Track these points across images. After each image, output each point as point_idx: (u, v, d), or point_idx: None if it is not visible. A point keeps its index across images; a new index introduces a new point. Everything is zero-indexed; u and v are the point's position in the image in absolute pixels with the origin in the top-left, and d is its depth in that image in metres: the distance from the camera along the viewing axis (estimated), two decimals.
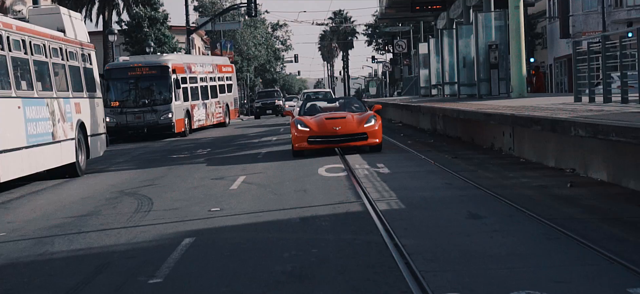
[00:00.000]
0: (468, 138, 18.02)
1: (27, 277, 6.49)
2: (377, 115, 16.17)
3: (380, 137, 15.86)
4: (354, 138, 15.57)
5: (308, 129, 15.65)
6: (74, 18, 17.17)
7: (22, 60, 13.23)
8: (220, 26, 51.04)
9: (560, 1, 58.65)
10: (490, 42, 21.65)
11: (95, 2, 44.64)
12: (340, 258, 6.20)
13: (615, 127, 7.47)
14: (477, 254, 6.01)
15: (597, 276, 5.21)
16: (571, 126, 8.86)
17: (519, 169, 11.80)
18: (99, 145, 17.13)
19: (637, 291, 4.73)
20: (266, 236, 7.51)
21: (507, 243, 6.46)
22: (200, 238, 7.53)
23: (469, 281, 5.14)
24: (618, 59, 11.81)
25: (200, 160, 17.23)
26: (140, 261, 6.64)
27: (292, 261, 6.17)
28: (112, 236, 8.08)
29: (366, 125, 15.66)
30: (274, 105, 46.10)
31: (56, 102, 14.49)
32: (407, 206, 8.68)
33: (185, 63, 30.25)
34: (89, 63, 17.28)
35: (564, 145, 11.17)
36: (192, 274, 6.02)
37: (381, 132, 15.97)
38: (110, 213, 9.74)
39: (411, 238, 6.74)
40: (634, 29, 11.56)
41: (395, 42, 51.20)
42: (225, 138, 25.37)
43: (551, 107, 12.94)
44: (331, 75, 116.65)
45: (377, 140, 15.70)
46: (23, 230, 8.89)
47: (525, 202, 8.45)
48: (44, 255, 7.33)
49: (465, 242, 6.53)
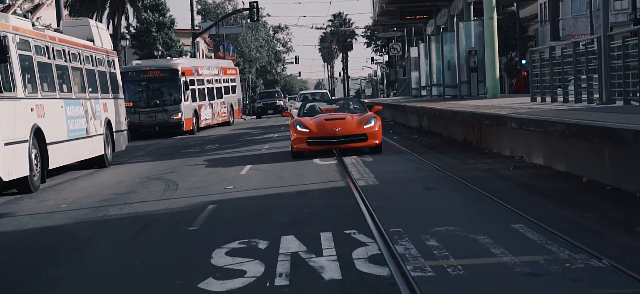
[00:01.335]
0: (447, 134, 20.43)
1: (97, 229, 8.92)
2: (377, 116, 16.12)
3: (380, 138, 15.75)
4: (353, 139, 15.49)
5: (307, 130, 15.59)
6: (100, 28, 19.62)
7: (62, 67, 15.65)
8: (224, 30, 53.45)
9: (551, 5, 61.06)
10: (470, 48, 24.10)
11: (105, 8, 47.13)
12: (324, 213, 8.63)
13: (532, 120, 9.91)
14: (421, 210, 8.44)
15: (496, 218, 7.64)
16: (507, 120, 11.30)
17: (479, 157, 14.22)
18: (122, 140, 19.58)
19: (515, 225, 7.15)
20: (271, 202, 9.94)
21: (445, 204, 8.89)
22: (220, 204, 9.96)
23: (409, 223, 7.56)
24: (572, 66, 14.21)
25: (211, 153, 19.65)
26: (178, 218, 9.07)
27: (290, 215, 8.60)
28: (152, 205, 10.51)
29: (366, 126, 15.58)
30: (275, 105, 48.45)
31: (89, 102, 16.92)
32: (380, 183, 11.11)
33: (193, 67, 32.68)
34: (113, 68, 19.74)
35: (516, 137, 13.58)
36: (219, 224, 8.45)
37: (381, 133, 15.91)
38: (145, 191, 12.17)
39: (377, 201, 9.16)
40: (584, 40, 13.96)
41: (391, 45, 53.76)
42: (230, 136, 27.80)
43: (510, 106, 15.37)
44: (331, 76, 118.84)
45: (377, 141, 15.59)
46: (79, 203, 11.32)
47: (472, 180, 10.85)
48: (103, 217, 9.75)
49: (416, 203, 8.96)
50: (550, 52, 14.41)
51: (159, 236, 8.13)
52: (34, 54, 13.86)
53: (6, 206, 11.51)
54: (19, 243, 8.42)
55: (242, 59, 65.46)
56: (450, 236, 6.84)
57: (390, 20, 36.38)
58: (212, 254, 6.68)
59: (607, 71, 11.77)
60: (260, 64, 72.98)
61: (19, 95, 12.73)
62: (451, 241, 6.60)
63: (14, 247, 8.20)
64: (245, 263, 6.29)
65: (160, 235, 8.20)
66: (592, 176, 9.94)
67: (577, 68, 13.39)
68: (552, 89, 14.63)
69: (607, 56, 11.71)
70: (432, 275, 5.53)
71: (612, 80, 11.76)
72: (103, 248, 7.72)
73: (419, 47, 33.56)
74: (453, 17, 27.66)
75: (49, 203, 11.57)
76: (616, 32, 12.74)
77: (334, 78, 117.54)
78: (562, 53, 13.93)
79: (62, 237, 8.56)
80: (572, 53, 13.42)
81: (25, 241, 8.49)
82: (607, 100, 11.91)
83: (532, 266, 5.64)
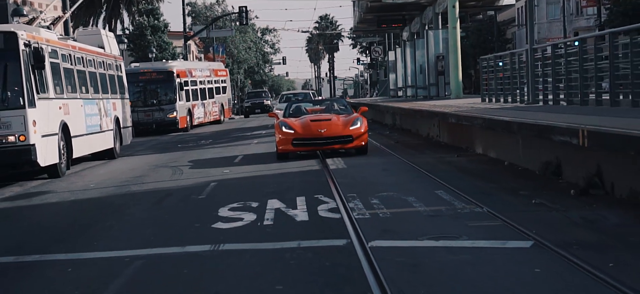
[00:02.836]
0: (415, 130, 23.23)
1: (127, 199, 11.61)
2: (363, 117, 16.14)
3: (366, 139, 15.79)
4: (339, 140, 15.49)
5: (293, 131, 15.54)
6: (109, 37, 22.27)
7: (81, 71, 18.29)
8: (214, 33, 56.05)
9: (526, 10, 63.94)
10: (438, 54, 26.91)
11: (102, 13, 49.68)
12: (300, 186, 11.36)
13: (464, 116, 12.70)
14: (374, 183, 11.19)
15: (426, 187, 10.39)
16: (449, 117, 14.09)
17: (434, 149, 17.00)
18: (127, 135, 22.25)
19: (437, 191, 9.92)
20: (259, 180, 12.66)
21: (394, 179, 11.65)
22: (220, 183, 12.67)
23: (361, 191, 10.29)
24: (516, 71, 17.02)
25: (206, 147, 22.34)
26: (189, 192, 11.78)
27: (274, 187, 11.32)
28: (165, 183, 13.21)
29: (352, 128, 15.57)
30: (263, 104, 51.10)
31: (101, 101, 19.56)
32: (347, 167, 13.86)
33: (187, 69, 35.32)
34: (120, 72, 22.39)
35: (464, 131, 16.36)
36: (221, 194, 11.16)
37: (367, 134, 16.01)
38: (156, 175, 14.85)
39: (343, 179, 11.89)
40: (516, 52, 16.75)
41: (373, 48, 56.67)
42: (222, 132, 30.49)
43: (459, 105, 18.16)
44: (318, 76, 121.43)
45: (363, 142, 15.59)
46: (104, 184, 13.99)
47: (421, 165, 13.60)
48: (128, 192, 12.43)
49: (371, 180, 11.72)
50: (495, 60, 17.21)
51: (176, 202, 10.85)
52: (61, 61, 16.51)
53: (44, 186, 14.16)
54: (70, 208, 11.11)
55: (231, 60, 68.07)
56: (388, 198, 9.60)
57: (369, 27, 39.25)
58: (219, 210, 9.39)
59: (531, 78, 14.58)
60: (249, 65, 75.63)
61: (50, 95, 15.38)
62: (388, 200, 9.35)
63: (68, 211, 10.90)
64: (242, 214, 9.02)
65: (177, 201, 10.91)
66: (511, 160, 12.74)
67: (512, 75, 16.22)
68: (496, 92, 17.45)
69: (532, 66, 14.53)
70: (368, 217, 8.28)
71: (536, 85, 14.57)
72: (135, 210, 10.43)
73: (396, 52, 36.41)
74: (424, 26, 30.49)
75: (78, 184, 14.23)
76: (538, 45, 15.46)
77: (321, 79, 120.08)
78: (502, 62, 16.75)
79: (101, 204, 11.25)
80: (509, 62, 16.24)
81: (74, 207, 11.19)
82: (532, 101, 14.72)
83: (435, 212, 8.41)
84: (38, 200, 12.35)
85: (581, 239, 6.66)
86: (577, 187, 9.34)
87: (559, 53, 13.42)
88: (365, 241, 6.89)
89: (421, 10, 30.08)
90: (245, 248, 7.12)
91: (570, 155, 9.98)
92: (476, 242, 6.74)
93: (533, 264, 5.85)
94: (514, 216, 7.75)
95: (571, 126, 8.33)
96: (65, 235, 8.71)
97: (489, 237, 6.92)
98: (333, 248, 6.84)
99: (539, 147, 11.08)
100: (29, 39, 14.55)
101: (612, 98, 10.92)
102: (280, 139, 15.72)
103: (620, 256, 5.96)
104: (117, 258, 7.10)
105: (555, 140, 8.96)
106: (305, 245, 7.05)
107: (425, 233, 7.29)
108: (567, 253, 6.03)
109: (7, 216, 10.85)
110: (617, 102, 10.92)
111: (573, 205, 8.46)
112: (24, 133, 14.09)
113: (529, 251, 6.30)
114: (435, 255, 6.42)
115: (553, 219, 7.70)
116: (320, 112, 17.19)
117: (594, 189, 9.10)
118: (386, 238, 7.11)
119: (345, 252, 6.63)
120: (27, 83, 14.20)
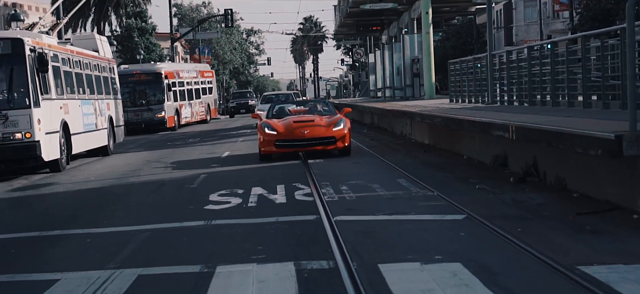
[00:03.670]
0: (390, 129, 24.80)
1: (126, 189, 13.05)
2: (346, 119, 16.26)
3: (349, 141, 15.87)
4: (322, 142, 15.56)
5: (275, 132, 15.59)
6: (103, 41, 23.66)
7: (79, 73, 19.68)
8: (201, 35, 57.41)
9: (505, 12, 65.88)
10: (414, 57, 28.51)
11: (90, 15, 50.91)
12: (281, 177, 12.86)
13: (426, 115, 14.27)
14: (345, 174, 12.70)
15: (390, 177, 11.92)
16: (415, 116, 15.66)
17: (404, 145, 18.56)
18: (120, 133, 23.65)
19: (399, 179, 11.46)
20: (244, 173, 14.15)
21: (364, 171, 13.18)
22: (210, 175, 14.14)
23: (333, 180, 11.81)
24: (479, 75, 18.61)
25: (194, 144, 23.78)
26: (182, 182, 13.24)
27: (257, 178, 12.81)
28: (159, 176, 14.66)
29: (335, 129, 15.66)
30: (247, 104, 52.53)
31: (97, 102, 20.96)
32: (324, 160, 15.36)
33: (175, 70, 36.72)
34: (113, 74, 23.78)
35: (431, 129, 17.92)
36: (211, 184, 12.63)
37: (350, 136, 16.08)
38: (151, 168, 16.28)
39: (319, 170, 13.41)
40: (478, 57, 18.35)
41: (354, 50, 58.31)
42: (209, 131, 31.91)
43: (426, 105, 19.74)
44: (302, 77, 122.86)
45: (346, 143, 15.69)
46: (103, 176, 15.41)
47: (390, 159, 15.13)
48: (126, 183, 13.87)
49: (343, 171, 13.24)
50: (461, 64, 18.82)
51: (171, 190, 12.32)
52: (61, 65, 17.90)
53: (48, 179, 15.56)
54: (77, 196, 12.55)
55: (217, 61, 69.44)
56: (356, 185, 11.13)
57: (350, 31, 40.84)
58: (209, 196, 10.88)
59: (490, 81, 16.18)
60: (234, 66, 77.01)
61: (52, 96, 16.78)
62: (355, 187, 10.88)
63: (75, 198, 12.34)
64: (230, 198, 10.52)
65: (171, 190, 12.38)
66: (470, 155, 14.31)
67: (476, 78, 17.83)
68: (462, 93, 19.06)
69: (491, 70, 16.13)
70: (337, 200, 9.81)
71: (493, 87, 16.18)
72: (135, 196, 11.89)
73: (376, 54, 38.01)
74: (401, 30, 32.10)
75: (79, 177, 15.65)
76: (496, 52, 17.07)
77: (305, 79, 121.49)
78: (467, 66, 18.36)
79: (103, 193, 12.70)
80: (472, 67, 17.86)
81: (80, 195, 12.63)
82: (491, 102, 16.32)
83: (393, 195, 9.95)
84: (46, 190, 13.77)
85: (505, 213, 8.22)
86: (516, 175, 10.92)
87: (512, 59, 15.04)
88: (331, 216, 8.40)
89: (398, 15, 31.68)
90: (233, 223, 8.62)
91: (514, 149, 11.55)
92: (421, 216, 8.29)
93: (460, 230, 7.40)
94: (458, 198, 9.30)
95: (505, 123, 9.90)
96: (77, 216, 10.16)
97: (432, 213, 8.46)
98: (305, 222, 8.36)
99: (490, 143, 12.65)
100: (34, 45, 15.95)
101: (553, 99, 12.50)
102: (262, 141, 15.72)
103: (530, 224, 7.52)
104: (126, 232, 8.57)
105: (494, 135, 10.53)
106: (283, 220, 8.56)
107: (381, 210, 8.82)
108: (489, 222, 7.57)
109: (21, 203, 12.27)
110: (557, 102, 12.50)
111: (509, 189, 10.03)
112: (30, 130, 15.48)
113: (460, 222, 7.84)
114: (385, 225, 7.95)
115: (489, 200, 9.26)
116: (303, 113, 17.26)
117: (530, 177, 10.68)
118: (349, 215, 8.64)
119: (314, 224, 8.14)
120: (32, 85, 15.59)
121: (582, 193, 9.04)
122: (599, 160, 8.04)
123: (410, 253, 6.45)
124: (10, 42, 15.67)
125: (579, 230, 7.10)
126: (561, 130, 7.81)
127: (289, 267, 6.15)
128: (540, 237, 6.83)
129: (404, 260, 6.18)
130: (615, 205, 8.05)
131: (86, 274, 6.38)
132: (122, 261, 6.86)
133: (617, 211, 7.84)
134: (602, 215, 7.69)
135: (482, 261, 5.97)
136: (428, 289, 5.29)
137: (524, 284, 5.34)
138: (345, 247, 6.70)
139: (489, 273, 5.65)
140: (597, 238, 6.72)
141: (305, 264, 6.21)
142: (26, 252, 7.85)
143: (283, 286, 5.60)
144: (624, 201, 7.92)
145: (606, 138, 6.60)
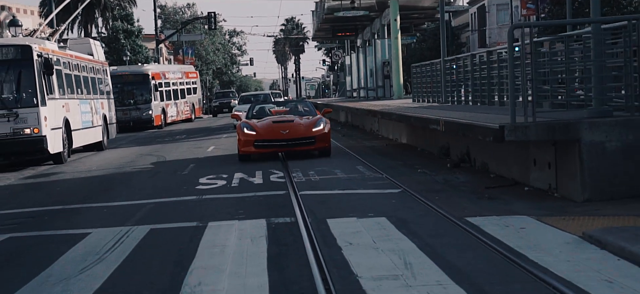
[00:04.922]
0: (362, 126, 27.11)
1: (126, 176, 15.21)
2: (326, 119, 16.30)
3: (329, 141, 15.83)
4: (302, 142, 15.54)
5: (254, 133, 15.54)
6: (97, 45, 25.77)
7: (77, 75, 21.77)
8: (185, 37, 59.44)
9: (479, 16, 68.52)
10: (384, 60, 30.82)
11: (78, 17, 52.70)
12: (262, 164, 15.10)
13: (385, 113, 16.56)
14: (315, 164, 14.94)
15: (350, 164, 14.18)
16: (377, 113, 17.95)
17: (371, 140, 20.85)
18: (113, 130, 25.76)
19: (358, 166, 13.74)
20: (227, 161, 16.35)
21: (330, 161, 15.43)
22: (198, 163, 16.34)
23: (303, 168, 14.06)
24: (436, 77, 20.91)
25: (181, 141, 25.93)
26: (174, 169, 15.43)
27: (239, 166, 15.04)
28: (154, 165, 16.82)
29: (315, 129, 15.61)
30: (230, 104, 54.54)
31: (92, 101, 23.06)
32: (297, 152, 17.62)
33: (161, 71, 38.80)
34: (106, 75, 25.88)
35: (394, 126, 20.22)
36: (199, 171, 14.81)
37: (330, 136, 16.03)
38: (145, 160, 18.43)
39: (292, 160, 15.64)
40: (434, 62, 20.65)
41: (333, 52, 60.69)
42: (194, 129, 34.04)
43: (389, 105, 22.04)
44: (284, 77, 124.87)
45: (326, 144, 15.68)
46: (103, 167, 17.54)
47: (356, 151, 17.37)
48: (125, 172, 16.03)
49: (313, 161, 15.49)
50: (421, 68, 21.16)
51: (166, 176, 14.51)
52: (62, 68, 20.00)
53: (53, 169, 17.66)
54: (84, 182, 14.70)
55: (200, 62, 71.47)
56: (321, 170, 13.40)
57: (326, 35, 43.18)
58: (199, 180, 13.09)
59: (444, 83, 18.53)
60: (217, 66, 79.07)
61: (56, 96, 18.88)
62: (320, 172, 13.15)
63: (83, 183, 14.50)
64: (216, 181, 12.74)
65: (166, 176, 14.58)
66: (423, 147, 16.62)
67: (432, 80, 20.18)
68: (422, 94, 21.41)
69: (444, 73, 18.48)
70: (304, 181, 12.06)
71: (446, 89, 18.52)
72: (135, 181, 14.07)
73: (351, 56, 40.32)
74: (374, 34, 34.42)
75: (81, 168, 17.78)
76: (448, 58, 19.38)
77: (288, 79, 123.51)
78: (425, 70, 20.71)
79: (107, 179, 14.86)
80: (430, 71, 20.21)
81: (87, 181, 14.78)
82: (444, 101, 18.66)
83: (350, 177, 12.23)
84: (54, 177, 15.89)
85: (432, 188, 10.52)
86: (453, 162, 13.25)
87: (459, 65, 17.41)
88: (297, 191, 10.65)
89: (371, 21, 34.02)
90: (219, 197, 10.85)
91: (454, 141, 13.87)
92: (367, 191, 10.58)
93: (393, 198, 9.69)
94: (401, 179, 11.58)
95: (437, 118, 12.21)
96: (90, 196, 12.33)
97: (376, 189, 10.75)
98: (276, 195, 10.61)
99: (437, 136, 14.96)
100: (41, 51, 18.05)
101: (489, 99, 14.84)
102: (241, 141, 15.61)
103: (447, 195, 9.82)
104: (134, 204, 10.76)
105: (430, 128, 12.85)
106: (259, 194, 10.82)
107: (337, 187, 11.10)
108: (417, 194, 9.87)
109: (37, 187, 14.40)
110: (493, 102, 14.81)
111: (444, 172, 12.34)
112: (38, 126, 17.59)
113: (395, 194, 10.13)
114: (338, 197, 10.24)
115: (425, 180, 11.56)
116: (284, 113, 17.17)
117: (464, 163, 13.02)
118: (312, 190, 10.90)
119: (283, 197, 10.40)
120: (39, 87, 17.68)
121: (498, 174, 11.37)
122: (509, 147, 10.35)
123: (351, 212, 8.73)
124: (20, 48, 17.77)
125: (481, 197, 9.42)
126: (470, 122, 10.12)
127: (261, 222, 8.41)
128: (450, 202, 9.13)
129: (345, 217, 8.46)
130: (517, 181, 10.39)
131: (111, 229, 8.58)
132: (136, 221, 9.08)
133: (517, 186, 10.18)
134: (504, 189, 10.02)
135: (400, 216, 8.27)
136: (357, 231, 7.57)
137: (425, 228, 7.63)
138: (304, 210, 8.96)
139: (403, 222, 7.93)
140: (491, 202, 9.04)
141: (273, 220, 8.48)
142: (57, 218, 10.02)
143: (257, 232, 7.85)
144: (523, 178, 10.26)
145: (493, 127, 8.89)
